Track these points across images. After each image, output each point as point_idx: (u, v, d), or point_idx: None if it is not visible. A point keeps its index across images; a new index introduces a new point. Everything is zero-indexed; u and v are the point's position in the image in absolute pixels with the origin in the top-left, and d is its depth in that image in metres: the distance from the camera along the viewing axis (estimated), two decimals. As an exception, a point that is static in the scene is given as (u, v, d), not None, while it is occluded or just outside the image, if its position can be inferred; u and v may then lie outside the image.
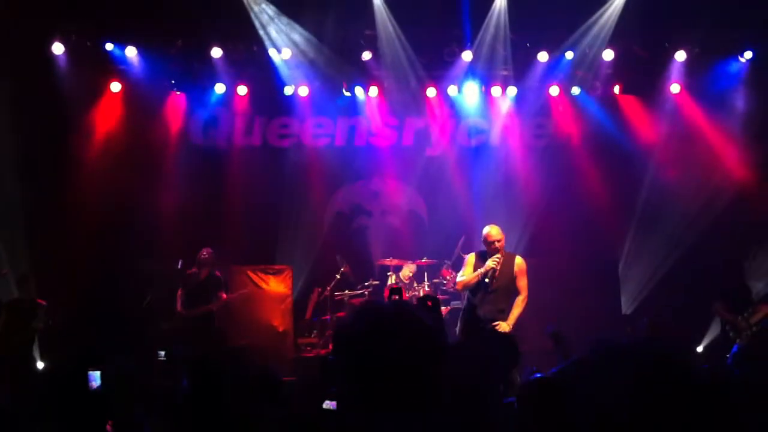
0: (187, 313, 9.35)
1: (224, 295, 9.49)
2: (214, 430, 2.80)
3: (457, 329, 7.58)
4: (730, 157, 11.20)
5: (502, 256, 7.34)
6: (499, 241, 7.32)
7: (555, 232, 11.07)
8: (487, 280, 7.28)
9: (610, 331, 9.82)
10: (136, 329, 9.37)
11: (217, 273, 9.53)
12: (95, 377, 4.90)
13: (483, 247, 7.47)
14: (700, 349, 10.39)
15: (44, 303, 9.00)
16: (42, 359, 9.14)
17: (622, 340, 1.83)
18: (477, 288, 7.41)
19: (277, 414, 3.64)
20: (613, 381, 1.70)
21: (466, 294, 7.64)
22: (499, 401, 3.67)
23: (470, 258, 7.62)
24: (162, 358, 8.99)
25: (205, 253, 9.45)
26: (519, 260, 7.49)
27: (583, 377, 1.88)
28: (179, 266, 9.54)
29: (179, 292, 9.48)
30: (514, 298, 7.39)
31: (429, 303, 6.32)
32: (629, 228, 11.48)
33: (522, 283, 7.40)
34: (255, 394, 3.60)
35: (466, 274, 7.49)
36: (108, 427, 3.48)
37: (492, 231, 7.38)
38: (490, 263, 7.29)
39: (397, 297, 6.87)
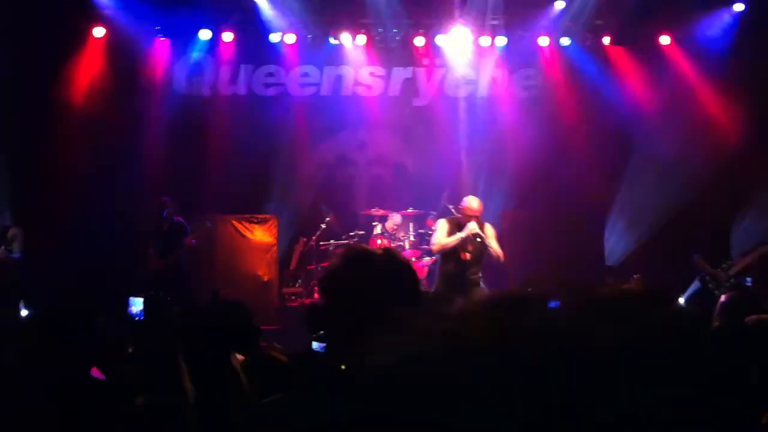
0: (157, 266, 9.18)
1: (189, 240, 9.29)
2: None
3: (435, 287, 7.76)
4: (721, 111, 11.15)
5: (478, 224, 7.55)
6: (477, 215, 7.53)
7: (541, 185, 11.06)
8: (478, 240, 7.44)
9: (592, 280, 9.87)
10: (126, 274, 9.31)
11: (179, 219, 9.31)
12: (135, 302, 4.62)
13: (466, 204, 7.65)
14: (681, 300, 10.47)
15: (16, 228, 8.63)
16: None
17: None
18: (450, 256, 7.58)
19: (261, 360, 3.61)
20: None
21: (438, 260, 7.84)
22: None
23: (442, 223, 7.81)
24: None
25: (162, 201, 9.27)
26: (488, 227, 7.73)
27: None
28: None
29: (149, 248, 9.34)
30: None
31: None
32: (617, 181, 11.45)
33: (494, 244, 7.65)
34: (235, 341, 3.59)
35: (441, 237, 7.60)
36: (94, 371, 3.46)
37: (472, 203, 7.59)
38: (472, 227, 7.43)
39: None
